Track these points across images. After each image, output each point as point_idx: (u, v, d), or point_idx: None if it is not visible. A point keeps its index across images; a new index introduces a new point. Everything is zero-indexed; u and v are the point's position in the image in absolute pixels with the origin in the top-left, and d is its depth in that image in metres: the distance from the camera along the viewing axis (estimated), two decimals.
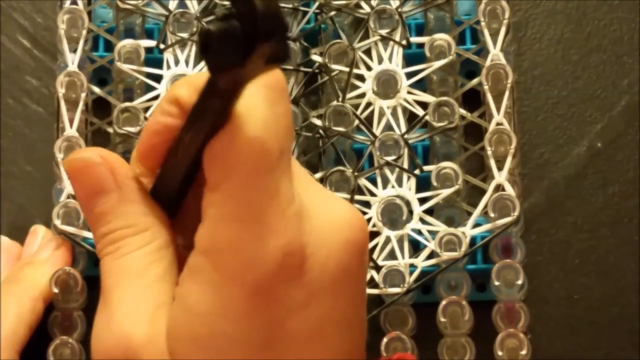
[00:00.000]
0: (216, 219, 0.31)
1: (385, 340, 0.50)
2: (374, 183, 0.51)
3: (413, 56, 0.53)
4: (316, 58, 0.52)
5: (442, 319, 0.50)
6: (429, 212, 0.51)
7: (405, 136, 0.51)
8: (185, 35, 0.52)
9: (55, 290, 0.49)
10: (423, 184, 0.51)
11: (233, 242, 0.31)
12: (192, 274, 0.32)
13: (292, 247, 0.31)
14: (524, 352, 0.49)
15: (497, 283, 0.50)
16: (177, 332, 0.32)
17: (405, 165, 0.51)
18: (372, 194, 0.51)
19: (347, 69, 0.52)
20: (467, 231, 0.50)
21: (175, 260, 0.34)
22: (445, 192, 0.50)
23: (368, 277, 0.49)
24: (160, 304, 0.33)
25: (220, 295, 0.31)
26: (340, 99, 0.51)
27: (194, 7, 0.53)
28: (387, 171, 0.51)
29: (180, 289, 0.33)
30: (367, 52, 0.53)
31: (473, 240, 0.50)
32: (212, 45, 0.28)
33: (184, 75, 0.52)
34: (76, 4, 0.53)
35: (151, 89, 0.52)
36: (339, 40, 0.52)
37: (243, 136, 0.30)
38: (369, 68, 0.52)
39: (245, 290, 0.31)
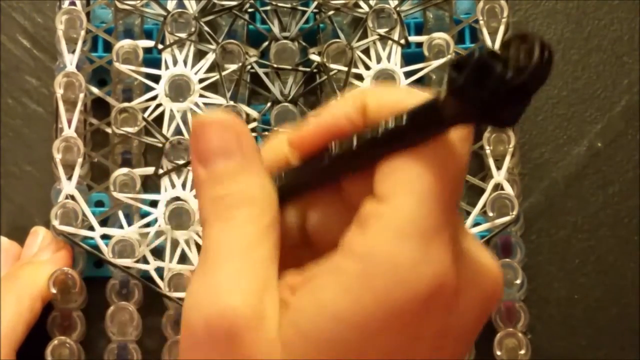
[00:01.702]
0: (380, 230, 0.30)
1: None
2: None
3: (412, 55, 0.53)
4: (315, 57, 0.52)
5: None
6: None
7: None
8: (183, 35, 0.52)
9: (53, 290, 0.49)
10: None
11: (392, 257, 0.29)
12: (335, 272, 0.30)
13: (448, 278, 0.30)
14: (523, 351, 0.49)
15: None
16: (299, 320, 0.30)
17: None
18: None
19: (346, 68, 0.51)
20: None
21: (280, 240, 0.32)
22: None
23: None
24: (268, 284, 0.30)
25: (359, 305, 0.29)
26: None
27: (192, 7, 0.53)
28: None
29: (314, 280, 0.30)
30: (366, 51, 0.52)
31: None
32: (471, 68, 0.26)
33: (183, 75, 0.52)
34: (75, 4, 0.53)
35: (150, 89, 0.52)
36: (337, 40, 0.52)
37: (442, 164, 0.29)
38: (367, 67, 0.52)
39: (387, 309, 0.29)
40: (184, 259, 0.50)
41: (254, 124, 0.51)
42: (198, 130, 0.32)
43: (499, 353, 0.49)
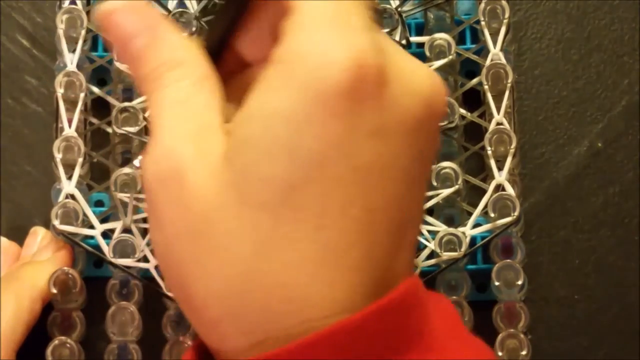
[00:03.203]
0: (290, 34, 0.30)
1: None
2: None
3: (413, 55, 0.53)
4: None
5: None
6: (429, 212, 0.51)
7: None
8: (184, 35, 0.52)
9: (54, 290, 0.49)
10: None
11: (304, 47, 0.30)
12: (258, 83, 0.31)
13: (367, 60, 0.30)
14: (524, 352, 0.49)
15: (497, 283, 0.50)
16: (235, 133, 0.31)
17: None
18: None
19: None
20: (467, 231, 0.50)
21: (219, 90, 0.33)
22: (445, 192, 0.50)
23: None
24: (207, 126, 0.32)
25: (282, 100, 0.30)
26: None
27: (193, 7, 0.53)
28: None
29: (245, 101, 0.31)
30: None
31: (473, 240, 0.50)
32: None
33: None
34: (75, 3, 0.53)
35: None
36: None
37: None
38: None
39: (309, 99, 0.30)
40: None
41: None
42: (104, 26, 0.34)
43: (500, 354, 0.49)
